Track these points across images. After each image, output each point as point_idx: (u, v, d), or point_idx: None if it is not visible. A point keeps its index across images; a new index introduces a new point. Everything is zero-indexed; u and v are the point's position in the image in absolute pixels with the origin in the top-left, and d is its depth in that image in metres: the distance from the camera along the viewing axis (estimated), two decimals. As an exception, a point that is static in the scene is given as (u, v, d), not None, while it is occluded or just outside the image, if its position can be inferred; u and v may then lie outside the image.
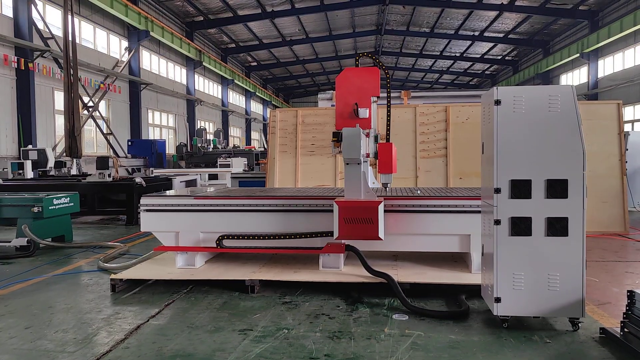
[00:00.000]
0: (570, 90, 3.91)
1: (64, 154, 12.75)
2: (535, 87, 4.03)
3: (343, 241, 5.29)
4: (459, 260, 5.76)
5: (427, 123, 9.23)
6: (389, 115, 5.98)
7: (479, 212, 5.11)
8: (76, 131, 10.28)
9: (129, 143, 13.00)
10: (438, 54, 40.61)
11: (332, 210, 5.07)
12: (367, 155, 5.75)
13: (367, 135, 5.88)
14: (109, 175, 10.37)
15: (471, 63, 42.32)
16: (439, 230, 5.31)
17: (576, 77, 31.71)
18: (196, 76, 32.82)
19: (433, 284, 4.93)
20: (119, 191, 10.40)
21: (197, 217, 5.60)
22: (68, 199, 8.18)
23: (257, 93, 45.92)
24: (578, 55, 28.91)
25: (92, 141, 21.98)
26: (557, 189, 3.87)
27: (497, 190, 3.95)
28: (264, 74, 47.97)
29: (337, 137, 5.19)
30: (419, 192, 5.78)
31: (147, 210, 5.66)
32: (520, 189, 3.91)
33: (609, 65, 27.62)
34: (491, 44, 36.44)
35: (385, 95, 6.14)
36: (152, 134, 27.21)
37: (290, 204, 5.50)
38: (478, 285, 4.70)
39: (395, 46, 39.87)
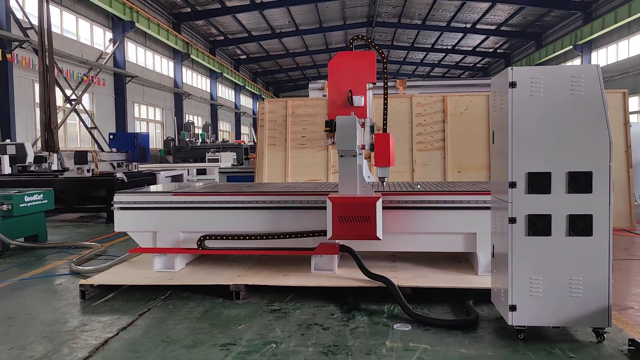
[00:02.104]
0: (595, 70, 3.45)
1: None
2: (556, 67, 3.57)
3: (337, 241, 4.81)
4: (463, 260, 5.31)
5: (423, 114, 8.76)
6: (385, 104, 5.50)
7: (486, 208, 4.67)
8: (52, 124, 9.70)
9: (111, 137, 12.44)
10: (429, 46, 40.19)
11: (324, 207, 4.58)
12: (363, 147, 5.28)
13: (363, 125, 5.41)
14: (88, 171, 9.80)
15: (463, 56, 41.95)
16: (442, 228, 4.85)
17: (569, 70, 31.36)
18: (184, 69, 32.14)
19: (437, 288, 4.47)
20: (99, 187, 9.85)
21: (176, 215, 5.09)
22: (41, 195, 7.63)
23: (246, 87, 45.28)
24: (571, 47, 28.60)
25: (76, 135, 21.32)
26: (580, 182, 3.42)
27: (512, 185, 3.49)
28: (254, 68, 47.30)
29: (331, 127, 4.71)
30: (419, 186, 5.31)
31: (122, 208, 5.15)
32: (539, 182, 3.46)
33: (603, 57, 27.33)
34: (483, 37, 36.07)
35: (380, 83, 5.69)
36: (139, 128, 26.56)
37: (279, 201, 5.01)
38: (486, 289, 4.26)
39: (387, 39, 39.38)
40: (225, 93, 42.39)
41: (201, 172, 22.83)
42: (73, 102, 19.34)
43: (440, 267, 5.04)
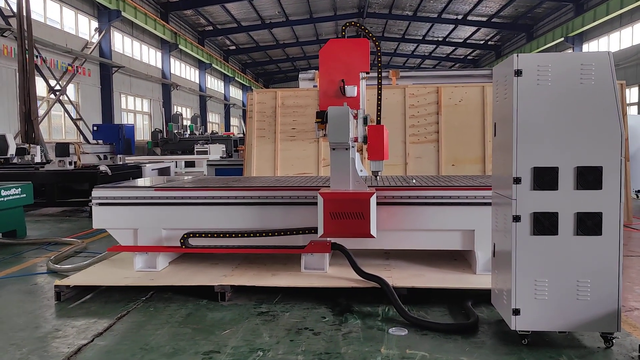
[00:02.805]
0: (606, 57, 3.21)
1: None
2: (565, 53, 3.33)
3: (328, 239, 4.56)
4: (459, 258, 5.09)
5: (417, 105, 8.51)
6: (379, 94, 5.24)
7: (485, 204, 4.45)
8: (32, 115, 9.33)
9: (94, 128, 12.05)
10: (420, 38, 39.88)
11: (315, 203, 4.32)
12: (355, 140, 5.03)
13: (355, 116, 5.15)
14: (70, 163, 9.45)
15: (454, 48, 41.70)
16: (439, 225, 4.62)
17: (560, 62, 31.26)
18: (172, 60, 31.58)
19: (434, 289, 4.24)
20: (82, 180, 9.51)
21: (158, 211, 4.81)
22: (19, 189, 7.31)
23: (236, 78, 44.74)
24: (562, 39, 28.42)
25: (61, 127, 20.84)
26: (589, 178, 3.19)
27: (517, 180, 3.26)
28: (243, 59, 46.72)
29: (322, 118, 4.44)
30: (414, 181, 5.07)
31: (101, 204, 4.86)
32: (545, 178, 3.22)
33: (594, 49, 27.22)
34: (474, 28, 35.81)
35: (373, 73, 5.43)
36: (126, 120, 26.08)
37: (267, 196, 4.75)
38: (485, 289, 4.04)
39: (377, 30, 38.99)
40: (214, 84, 41.84)
41: (190, 164, 22.47)
42: (57, 93, 18.85)
43: (437, 266, 4.81)
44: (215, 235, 4.62)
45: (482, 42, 39.53)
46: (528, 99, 3.23)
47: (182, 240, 4.62)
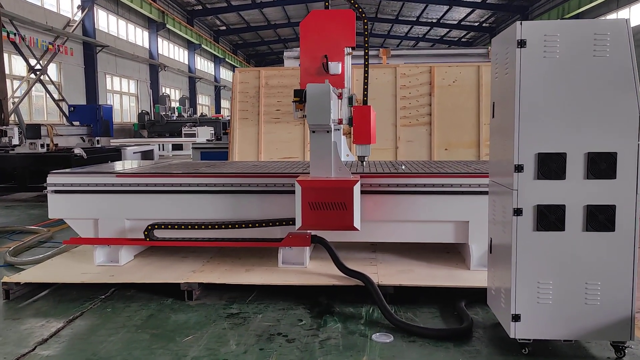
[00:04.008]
0: (624, 26, 2.77)
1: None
2: (577, 21, 2.88)
3: (308, 231, 4.14)
4: (452, 251, 4.69)
5: (408, 86, 8.04)
6: (366, 70, 4.79)
7: (480, 193, 4.04)
8: (1, 94, 8.78)
9: (70, 109, 11.49)
10: (414, 19, 39.16)
11: (294, 192, 3.88)
12: (340, 122, 4.59)
13: (340, 96, 4.71)
14: (42, 146, 8.94)
15: (448, 30, 41.03)
16: (430, 216, 4.20)
17: (555, 45, 30.82)
18: (159, 40, 30.76)
19: (423, 287, 3.84)
20: (55, 164, 8.93)
21: (121, 199, 4.36)
22: (-18, 174, 6.80)
23: (226, 59, 43.89)
24: (558, 21, 27.92)
25: (42, 108, 20.19)
26: (601, 165, 2.78)
27: (518, 168, 2.83)
28: (234, 39, 45.80)
29: (300, 97, 3.98)
30: (403, 167, 4.64)
31: (57, 191, 4.40)
32: (551, 166, 2.80)
33: (590, 32, 26.73)
34: (469, 10, 35.17)
35: (359, 51, 4.97)
36: (112, 101, 25.40)
37: (242, 184, 4.30)
38: (481, 288, 3.64)
39: (371, 11, 38.20)
40: (204, 65, 41.02)
41: (177, 147, 21.93)
42: (38, 73, 18.16)
43: (427, 260, 4.41)
44: (183, 227, 4.18)
45: (476, 24, 38.91)
46: (533, 74, 2.79)
47: (146, 233, 4.18)
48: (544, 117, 2.79)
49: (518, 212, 2.85)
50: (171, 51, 33.84)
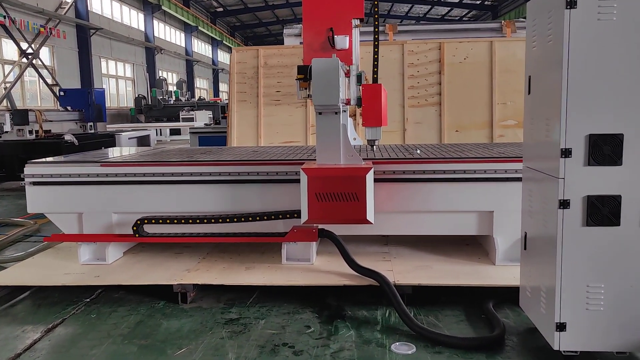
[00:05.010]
0: (696, -20, 2.31)
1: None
2: (639, -25, 2.41)
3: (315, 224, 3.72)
4: (472, 242, 4.27)
5: (417, 64, 7.56)
6: (376, 45, 4.32)
7: (507, 179, 3.63)
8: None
9: (61, 93, 11.01)
10: (416, -3, 38.41)
11: (299, 180, 3.45)
12: (348, 102, 4.14)
13: (347, 73, 4.25)
14: (31, 132, 8.49)
15: (449, 8, 40.23)
16: (450, 206, 3.78)
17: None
18: (155, 22, 30.04)
19: (445, 287, 3.43)
20: (44, 151, 8.52)
21: (107, 191, 3.94)
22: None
23: (224, 42, 43.10)
24: (564, -3, 27.18)
25: (36, 93, 19.67)
26: (664, 149, 2.34)
27: (565, 153, 2.40)
28: (232, 21, 44.96)
29: (305, 74, 3.52)
30: (419, 151, 4.21)
31: (36, 183, 3.97)
32: (605, 149, 2.37)
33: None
34: (471, -13, 34.40)
35: (365, 27, 4.52)
36: (107, 85, 24.84)
37: (241, 172, 3.87)
38: (510, 287, 3.24)
39: (371, -10, 37.39)
40: (201, 48, 40.27)
41: (176, 132, 21.43)
42: (30, 57, 17.61)
43: (446, 253, 4.00)
44: (175, 221, 3.75)
45: (478, 1, 38.11)
46: (584, 40, 2.34)
47: (135, 228, 3.76)
48: (597, 91, 2.35)
49: (564, 204, 2.42)
50: (167, 34, 33.11)
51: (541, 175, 2.65)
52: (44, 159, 4.31)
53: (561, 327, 2.48)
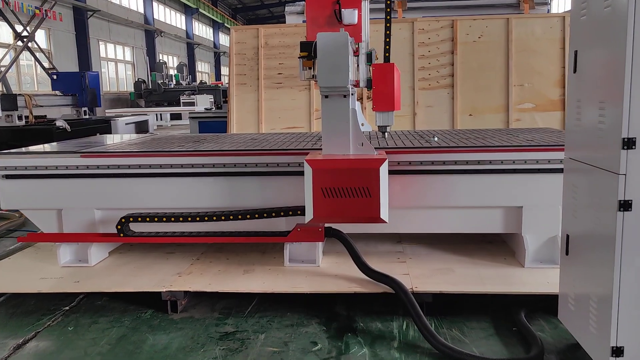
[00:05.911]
0: None
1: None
2: None
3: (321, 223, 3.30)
4: (495, 240, 3.85)
5: (428, 43, 7.07)
6: (388, 20, 3.85)
7: (537, 171, 3.20)
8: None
9: (53, 77, 10.56)
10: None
11: (303, 173, 3.03)
12: (356, 84, 3.69)
13: (356, 52, 3.79)
14: (20, 118, 8.07)
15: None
16: (473, 200, 3.35)
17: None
18: (155, 4, 29.38)
19: (469, 294, 3.02)
20: (34, 138, 8.10)
21: (89, 185, 3.52)
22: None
23: (226, 24, 42.33)
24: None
25: (33, 78, 19.21)
26: None
27: (628, 143, 1.97)
28: (233, 3, 44.17)
29: (309, 51, 3.08)
30: (436, 139, 3.77)
31: (9, 177, 3.56)
32: (677, 139, 1.94)
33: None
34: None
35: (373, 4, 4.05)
36: (106, 69, 24.34)
37: (237, 163, 3.45)
38: (543, 295, 2.84)
39: (375, -31, 36.54)
40: (202, 31, 39.58)
41: (176, 116, 20.97)
42: (25, 40, 17.11)
43: (467, 253, 3.58)
44: (165, 218, 3.34)
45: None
46: (654, 4, 1.89)
47: (119, 227, 3.35)
48: (669, 68, 1.91)
49: (625, 205, 2.00)
50: (167, 16, 32.44)
51: (590, 169, 2.22)
52: (17, 150, 3.90)
53: (618, 352, 2.07)
